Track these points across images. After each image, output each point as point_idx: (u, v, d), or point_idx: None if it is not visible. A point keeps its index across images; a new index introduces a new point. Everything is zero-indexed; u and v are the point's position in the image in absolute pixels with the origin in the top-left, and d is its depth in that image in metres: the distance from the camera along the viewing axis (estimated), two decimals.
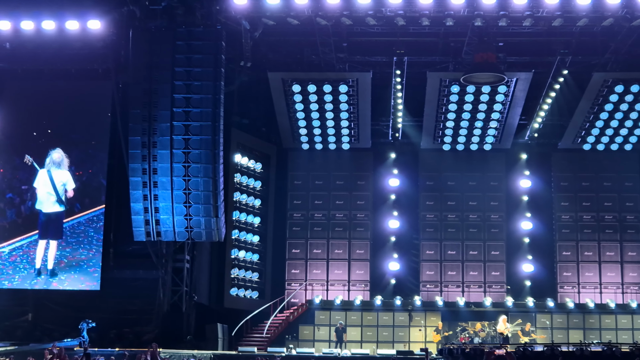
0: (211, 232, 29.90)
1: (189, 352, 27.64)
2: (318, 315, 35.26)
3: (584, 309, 35.01)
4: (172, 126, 28.90)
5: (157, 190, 29.34)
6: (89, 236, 32.26)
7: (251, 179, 36.18)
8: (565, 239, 37.26)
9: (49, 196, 32.26)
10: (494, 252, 37.29)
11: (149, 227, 29.78)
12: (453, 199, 37.66)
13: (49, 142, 32.78)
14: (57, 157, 32.37)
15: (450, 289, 36.74)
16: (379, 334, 34.93)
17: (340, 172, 37.67)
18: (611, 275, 36.70)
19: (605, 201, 37.34)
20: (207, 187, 29.32)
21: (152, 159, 29.15)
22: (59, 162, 32.34)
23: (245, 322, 33.93)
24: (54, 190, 32.15)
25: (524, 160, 37.60)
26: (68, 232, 32.25)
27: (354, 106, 34.68)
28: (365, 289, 36.83)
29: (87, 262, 31.89)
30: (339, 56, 33.04)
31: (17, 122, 33.25)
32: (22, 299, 32.48)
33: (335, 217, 37.64)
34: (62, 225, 32.22)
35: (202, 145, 29.07)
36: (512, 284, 36.50)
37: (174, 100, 28.82)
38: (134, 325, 31.11)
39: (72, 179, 32.39)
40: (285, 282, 37.07)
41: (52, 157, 32.38)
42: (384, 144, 37.65)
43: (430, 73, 33.23)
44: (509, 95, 34.01)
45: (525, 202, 37.41)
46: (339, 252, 37.34)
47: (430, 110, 35.13)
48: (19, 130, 33.16)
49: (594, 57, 32.74)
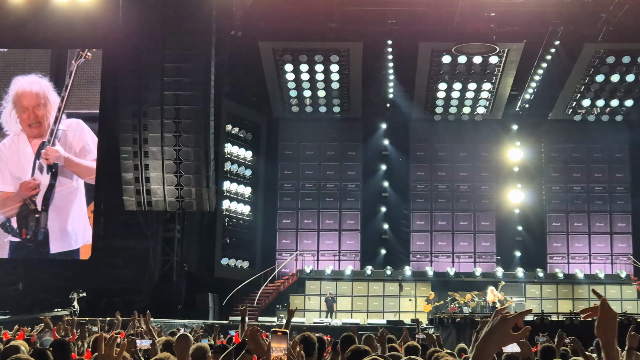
0: (202, 202, 29.90)
1: (180, 322, 27.70)
2: (308, 285, 35.37)
3: (574, 279, 35.21)
4: (162, 95, 28.82)
5: (148, 160, 29.30)
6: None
7: (242, 149, 36.09)
8: (555, 209, 37.39)
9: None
10: (484, 222, 37.39)
11: (139, 197, 29.78)
12: (443, 169, 37.70)
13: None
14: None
15: (440, 259, 36.86)
16: (369, 304, 35.10)
17: (330, 142, 37.60)
18: (600, 246, 36.86)
19: (596, 172, 37.43)
20: (197, 157, 29.30)
21: (143, 129, 29.09)
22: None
23: (236, 291, 34.00)
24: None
25: (515, 130, 37.62)
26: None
27: (345, 76, 34.61)
28: (355, 259, 36.90)
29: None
30: (330, 26, 32.89)
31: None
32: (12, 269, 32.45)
33: (326, 187, 37.64)
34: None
35: (193, 114, 29.02)
36: (502, 255, 36.64)
37: (165, 70, 28.70)
38: (124, 295, 31.14)
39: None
40: (275, 252, 37.12)
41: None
42: (375, 114, 37.60)
43: (421, 43, 33.13)
44: (500, 66, 33.95)
45: (515, 172, 37.47)
46: (329, 222, 37.39)
47: (422, 80, 35.06)
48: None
49: (586, 28, 32.65)
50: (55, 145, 31.91)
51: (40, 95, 32.20)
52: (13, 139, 32.19)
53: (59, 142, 31.93)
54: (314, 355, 7.72)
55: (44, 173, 31.87)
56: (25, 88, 32.32)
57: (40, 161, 31.87)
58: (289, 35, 33.19)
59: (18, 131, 32.18)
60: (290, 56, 33.76)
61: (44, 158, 31.82)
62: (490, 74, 34.44)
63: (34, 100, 32.21)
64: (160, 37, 28.60)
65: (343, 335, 9.64)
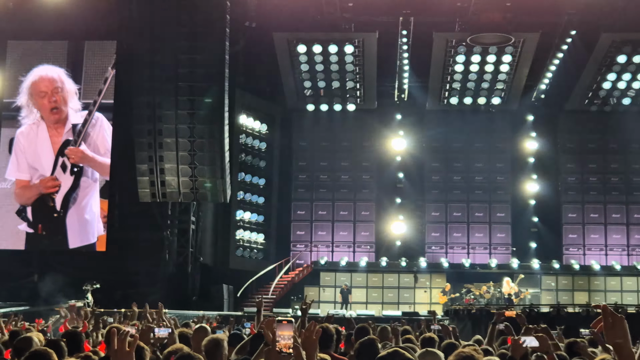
0: (216, 193, 29.89)
1: (194, 313, 27.69)
2: (323, 277, 35.37)
3: (589, 270, 35.07)
4: (177, 86, 28.81)
5: (162, 151, 29.30)
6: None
7: (256, 140, 36.06)
8: (571, 200, 37.20)
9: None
10: (499, 213, 37.26)
11: (154, 189, 29.79)
12: (459, 160, 37.56)
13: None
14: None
15: (455, 251, 36.76)
16: (384, 296, 35.07)
17: (345, 134, 37.48)
18: (617, 237, 36.65)
19: (612, 163, 37.19)
20: (212, 148, 29.28)
21: (157, 120, 29.09)
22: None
23: (251, 283, 34.01)
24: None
25: (530, 121, 37.44)
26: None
27: (359, 67, 34.48)
28: (370, 250, 36.83)
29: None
30: (344, 16, 32.79)
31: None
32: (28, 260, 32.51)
33: (341, 178, 37.55)
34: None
35: (207, 106, 28.99)
36: (518, 246, 36.50)
37: (179, 61, 28.67)
38: (139, 286, 31.15)
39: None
40: (290, 243, 37.09)
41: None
42: (390, 105, 37.44)
43: (436, 34, 32.98)
44: (515, 56, 33.74)
45: (531, 163, 37.28)
46: (344, 213, 37.32)
47: (437, 71, 34.90)
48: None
49: (602, 18, 32.42)
50: (81, 146, 31.84)
51: (57, 79, 32.04)
52: (32, 127, 32.03)
53: (84, 142, 31.85)
54: (331, 347, 7.66)
55: (67, 173, 31.71)
56: (41, 74, 32.21)
57: (64, 159, 31.78)
58: (303, 26, 33.06)
59: (36, 120, 32.09)
60: (305, 47, 33.66)
61: (68, 157, 31.77)
62: (505, 65, 34.22)
63: (51, 84, 32.08)
64: (174, 29, 28.54)
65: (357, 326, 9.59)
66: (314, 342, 5.07)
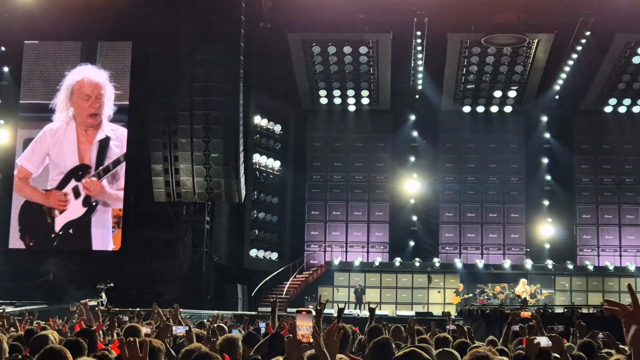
0: (231, 193, 29.98)
1: (209, 312, 27.77)
2: (337, 277, 35.40)
3: (604, 271, 34.98)
4: (191, 87, 28.92)
5: (177, 152, 29.42)
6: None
7: (270, 140, 36.12)
8: (585, 201, 37.13)
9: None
10: (513, 214, 37.22)
11: (169, 189, 29.91)
12: (473, 161, 37.56)
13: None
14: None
15: (469, 251, 36.76)
16: (398, 296, 35.06)
17: (359, 134, 37.53)
18: (631, 239, 36.57)
19: (626, 164, 37.08)
20: (227, 149, 29.37)
21: (172, 121, 29.20)
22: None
23: (265, 282, 34.07)
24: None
25: (545, 122, 37.35)
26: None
27: (373, 67, 34.53)
28: (384, 250, 36.85)
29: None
30: (359, 17, 32.80)
31: (34, 83, 33.11)
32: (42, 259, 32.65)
33: (355, 178, 37.60)
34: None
35: (222, 106, 29.09)
36: (532, 247, 36.44)
37: (194, 62, 28.78)
38: (154, 286, 31.27)
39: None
40: (304, 243, 37.15)
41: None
42: (404, 105, 37.42)
43: (450, 34, 32.99)
44: (529, 57, 33.72)
45: (545, 164, 37.21)
46: (358, 214, 37.36)
47: (451, 71, 34.91)
48: (40, 92, 33.02)
49: (617, 18, 32.32)
50: (102, 180, 31.91)
51: (102, 85, 31.97)
52: (61, 125, 32.08)
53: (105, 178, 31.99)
54: (347, 347, 7.72)
55: (79, 200, 31.74)
56: (87, 76, 32.13)
57: (79, 185, 31.85)
58: (317, 26, 33.05)
59: (68, 119, 32.10)
60: (319, 47, 33.72)
61: (84, 188, 31.68)
62: (519, 65, 34.21)
63: (97, 89, 31.99)
64: (189, 29, 28.66)
65: (370, 326, 9.61)
66: (335, 342, 5.12)
